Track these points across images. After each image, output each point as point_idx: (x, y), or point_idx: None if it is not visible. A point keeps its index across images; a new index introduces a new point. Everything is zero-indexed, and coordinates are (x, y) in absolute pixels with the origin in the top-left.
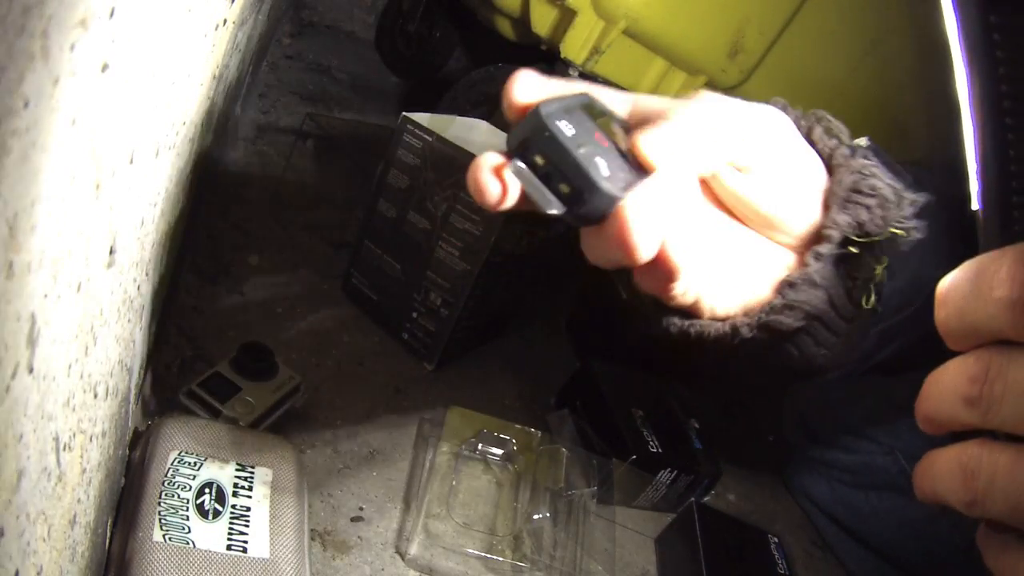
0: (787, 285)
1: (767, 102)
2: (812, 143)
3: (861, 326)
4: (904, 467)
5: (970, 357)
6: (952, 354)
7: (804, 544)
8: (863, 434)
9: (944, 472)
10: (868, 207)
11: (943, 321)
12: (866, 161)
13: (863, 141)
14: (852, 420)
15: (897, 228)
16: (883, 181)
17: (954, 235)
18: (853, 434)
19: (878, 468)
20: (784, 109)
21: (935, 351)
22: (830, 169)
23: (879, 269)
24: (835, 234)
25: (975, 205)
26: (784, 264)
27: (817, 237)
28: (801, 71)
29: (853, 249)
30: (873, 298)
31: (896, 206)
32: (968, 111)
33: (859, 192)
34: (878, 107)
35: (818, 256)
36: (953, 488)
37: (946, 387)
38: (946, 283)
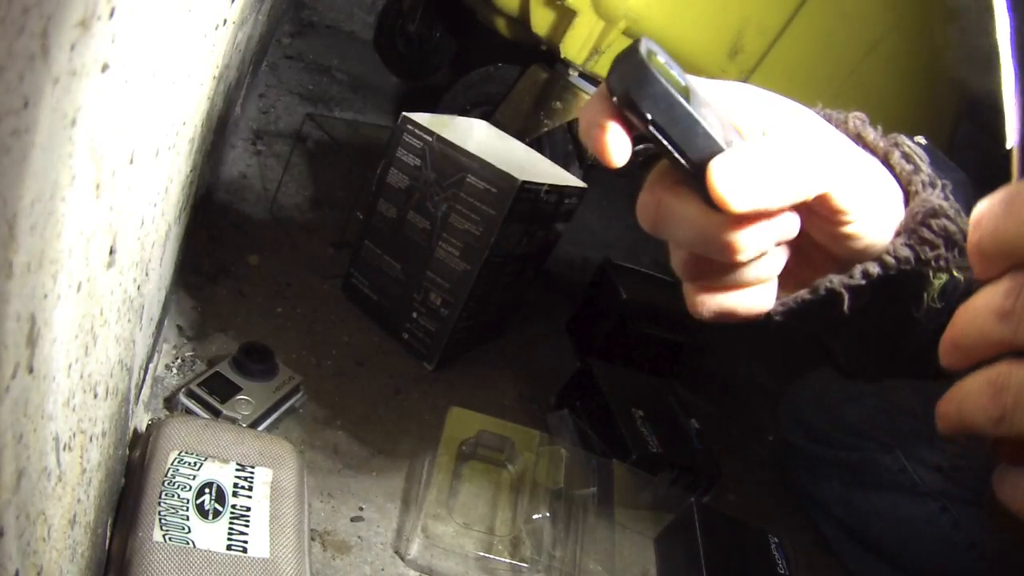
0: (824, 284)
1: (846, 118)
2: (890, 167)
3: (911, 327)
4: (904, 466)
5: (1003, 278)
6: None
7: (804, 544)
8: (863, 433)
9: (972, 390)
10: (934, 246)
11: (976, 243)
12: (942, 201)
13: (921, 139)
14: (852, 419)
15: (958, 272)
16: (955, 223)
17: None
18: (853, 433)
19: (878, 467)
20: (864, 125)
21: None
22: (907, 195)
23: (935, 286)
24: (892, 262)
25: (1011, 142)
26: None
27: (875, 255)
28: (801, 71)
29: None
30: (925, 307)
31: (963, 253)
32: (1009, 56)
33: (928, 228)
34: (878, 107)
35: (866, 274)
36: (981, 405)
37: (979, 305)
38: (981, 207)
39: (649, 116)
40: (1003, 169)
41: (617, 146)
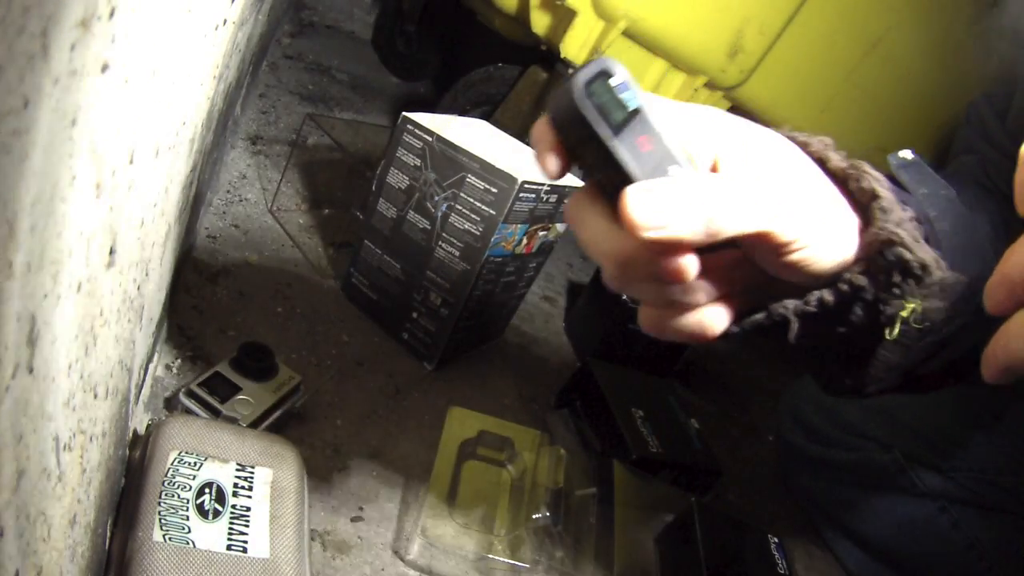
0: (778, 309)
1: (808, 141)
2: (850, 192)
3: (889, 350)
4: (903, 466)
5: None
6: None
7: (804, 544)
8: (862, 433)
9: (1022, 326)
10: (890, 275)
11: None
12: (898, 230)
13: (908, 154)
14: (851, 419)
15: (913, 303)
16: (911, 252)
17: (994, 240)
18: (852, 433)
19: (877, 467)
20: (827, 149)
21: (973, 368)
22: (866, 221)
23: (907, 309)
24: (847, 290)
25: None
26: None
27: (831, 280)
28: (801, 71)
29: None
30: (897, 330)
31: (917, 283)
32: None
33: (883, 258)
34: (878, 107)
35: (821, 302)
36: None
37: None
38: None
39: (571, 144)
40: (1000, 172)
41: (551, 164)
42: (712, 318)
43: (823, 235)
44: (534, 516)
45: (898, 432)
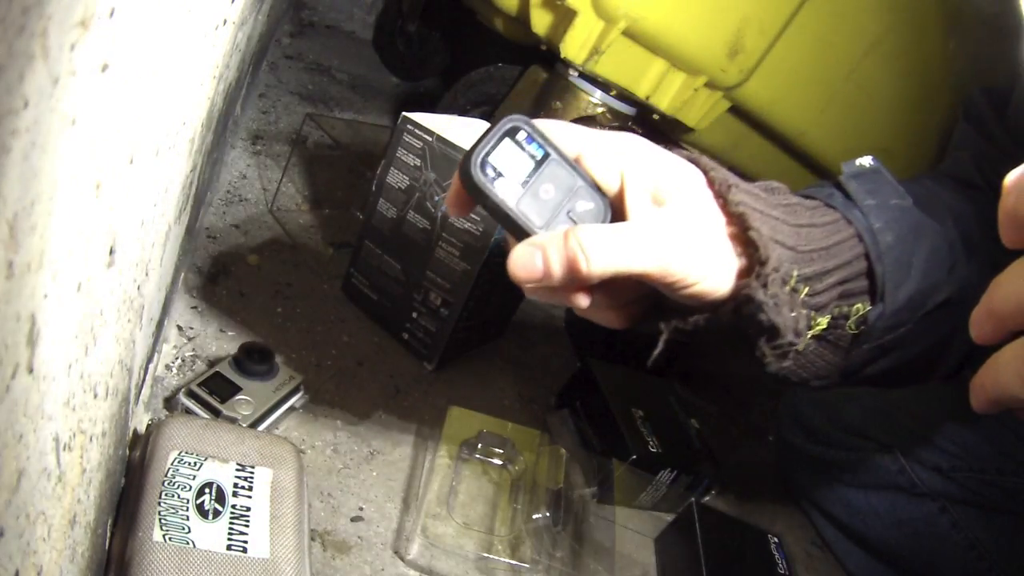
0: (677, 329)
1: (714, 179)
2: (749, 239)
3: (790, 361)
4: (903, 466)
5: None
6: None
7: (804, 544)
8: (862, 433)
9: (1010, 360)
10: (750, 326)
11: (1012, 207)
12: (758, 292)
13: (866, 161)
14: (851, 419)
15: (771, 361)
16: (768, 315)
17: (958, 249)
18: (852, 433)
19: (877, 467)
20: (729, 189)
21: (931, 369)
22: (751, 263)
23: (855, 312)
24: (718, 322)
25: None
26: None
27: (712, 305)
28: (801, 71)
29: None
30: (803, 345)
31: (772, 338)
32: None
33: (741, 311)
34: (878, 107)
35: (696, 325)
36: (1020, 372)
37: (1019, 273)
38: (1018, 172)
39: (479, 204)
40: (997, 169)
41: (455, 207)
42: (615, 317)
43: (714, 271)
44: (534, 516)
45: (898, 432)
